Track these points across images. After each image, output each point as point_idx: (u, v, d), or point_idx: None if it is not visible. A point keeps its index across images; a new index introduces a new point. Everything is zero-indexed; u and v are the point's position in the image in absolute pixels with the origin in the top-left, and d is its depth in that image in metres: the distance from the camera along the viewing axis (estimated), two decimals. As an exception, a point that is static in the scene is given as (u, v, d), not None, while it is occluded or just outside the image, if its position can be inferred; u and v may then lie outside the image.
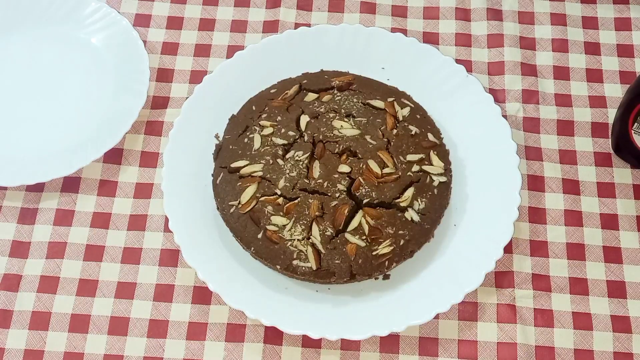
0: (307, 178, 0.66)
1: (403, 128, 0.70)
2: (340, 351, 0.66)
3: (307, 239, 0.64)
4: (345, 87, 0.72)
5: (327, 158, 0.67)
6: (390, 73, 0.76)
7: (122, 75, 0.78)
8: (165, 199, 0.69)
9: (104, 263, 0.70)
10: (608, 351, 0.67)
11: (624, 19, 0.83)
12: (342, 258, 0.64)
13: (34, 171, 0.72)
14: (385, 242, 0.65)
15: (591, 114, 0.78)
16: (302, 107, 0.71)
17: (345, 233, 0.65)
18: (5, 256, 0.71)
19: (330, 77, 0.73)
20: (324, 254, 0.64)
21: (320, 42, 0.78)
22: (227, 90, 0.75)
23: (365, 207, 0.65)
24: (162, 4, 0.85)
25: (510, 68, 0.80)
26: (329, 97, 0.71)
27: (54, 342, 0.67)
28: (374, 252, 0.64)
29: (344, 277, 0.65)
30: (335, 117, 0.70)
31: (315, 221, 0.65)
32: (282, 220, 0.65)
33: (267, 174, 0.67)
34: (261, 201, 0.66)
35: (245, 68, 0.76)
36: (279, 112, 0.71)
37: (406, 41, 0.77)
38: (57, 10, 0.81)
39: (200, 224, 0.69)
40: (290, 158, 0.67)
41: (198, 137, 0.73)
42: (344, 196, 0.66)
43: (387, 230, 0.65)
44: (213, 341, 0.67)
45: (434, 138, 0.70)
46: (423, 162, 0.68)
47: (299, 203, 0.65)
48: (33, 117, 0.77)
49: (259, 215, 0.66)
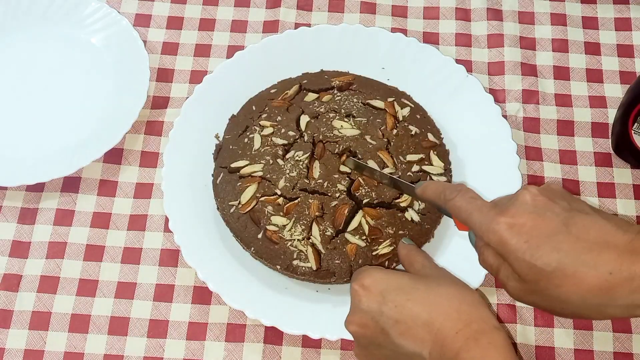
0: (307, 178, 0.66)
1: (403, 128, 0.70)
2: (340, 351, 0.66)
3: (307, 239, 0.64)
4: (345, 87, 0.72)
5: (327, 158, 0.67)
6: (390, 73, 0.76)
7: (122, 75, 0.78)
8: (165, 199, 0.69)
9: (104, 263, 0.70)
10: (608, 351, 0.67)
11: (624, 19, 0.83)
12: (342, 258, 0.64)
13: (34, 171, 0.72)
14: (385, 242, 0.65)
15: (591, 114, 0.78)
16: (302, 107, 0.71)
17: (346, 233, 0.65)
18: (5, 256, 0.71)
19: (331, 77, 0.73)
20: (324, 254, 0.64)
21: (320, 42, 0.78)
22: (227, 90, 0.75)
23: (365, 207, 0.65)
24: (162, 4, 0.85)
25: (510, 68, 0.80)
26: (329, 97, 0.71)
27: (54, 342, 0.67)
28: (374, 252, 0.65)
29: (344, 277, 0.65)
30: (335, 117, 0.70)
31: (315, 221, 0.65)
32: (282, 220, 0.65)
33: (267, 174, 0.67)
34: (261, 201, 0.66)
35: (245, 68, 0.76)
36: (279, 112, 0.71)
37: (406, 41, 0.77)
38: (57, 10, 0.81)
39: (200, 224, 0.69)
40: (290, 158, 0.67)
41: (198, 137, 0.73)
42: (344, 196, 0.66)
43: (387, 231, 0.65)
44: (213, 341, 0.67)
45: (434, 138, 0.70)
46: (423, 162, 0.68)
47: (299, 203, 0.65)
48: (33, 117, 0.77)
49: (259, 215, 0.66)
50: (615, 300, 0.46)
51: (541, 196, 0.50)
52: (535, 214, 0.49)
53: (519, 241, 0.48)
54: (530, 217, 0.49)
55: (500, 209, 0.50)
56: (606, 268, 0.46)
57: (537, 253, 0.47)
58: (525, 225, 0.48)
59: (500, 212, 0.50)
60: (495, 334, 0.50)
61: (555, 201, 0.50)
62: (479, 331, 0.50)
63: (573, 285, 0.47)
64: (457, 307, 0.52)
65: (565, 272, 0.46)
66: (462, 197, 0.54)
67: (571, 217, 0.48)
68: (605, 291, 0.46)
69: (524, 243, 0.48)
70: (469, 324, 0.51)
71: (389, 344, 0.53)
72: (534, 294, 0.49)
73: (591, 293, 0.46)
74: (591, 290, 0.46)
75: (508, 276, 0.50)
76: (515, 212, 0.49)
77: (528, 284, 0.49)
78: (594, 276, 0.46)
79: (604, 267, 0.46)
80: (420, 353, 0.51)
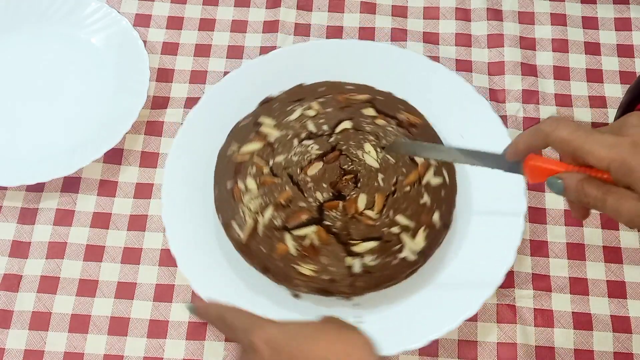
0: (301, 169, 0.66)
1: (417, 191, 0.65)
2: (340, 351, 0.66)
3: (256, 214, 0.64)
4: (405, 124, 0.69)
5: (332, 167, 0.66)
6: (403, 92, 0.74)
7: (122, 75, 0.78)
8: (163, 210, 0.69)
9: (104, 263, 0.70)
10: (608, 351, 0.67)
11: (624, 19, 0.83)
12: (269, 250, 0.64)
13: (34, 171, 0.72)
14: (310, 266, 0.63)
15: (591, 114, 0.78)
16: (354, 115, 0.68)
17: (288, 232, 0.63)
18: (5, 256, 0.71)
19: (402, 108, 0.70)
20: (258, 236, 0.64)
21: (346, 55, 0.76)
22: (239, 94, 0.74)
23: (321, 226, 0.63)
24: (162, 4, 0.85)
25: (510, 68, 0.80)
26: (384, 123, 0.68)
27: (54, 342, 0.67)
28: (296, 266, 0.63)
29: (257, 266, 0.65)
30: (370, 141, 0.67)
31: (275, 207, 0.64)
32: (253, 186, 0.65)
33: (276, 143, 0.67)
34: (254, 160, 0.66)
35: (265, 72, 0.76)
36: (334, 105, 0.69)
37: (434, 67, 0.75)
38: (57, 10, 0.81)
39: (200, 227, 0.69)
40: (304, 145, 0.67)
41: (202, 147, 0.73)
42: (315, 205, 0.64)
43: (321, 259, 0.63)
44: (213, 341, 0.67)
45: (437, 219, 0.65)
46: (407, 230, 0.64)
47: (276, 183, 0.65)
48: (33, 117, 0.77)
49: (242, 168, 0.67)
50: None
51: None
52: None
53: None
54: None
55: (614, 132, 0.50)
56: None
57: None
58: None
59: (616, 133, 0.49)
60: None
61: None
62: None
63: None
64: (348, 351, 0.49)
65: None
66: (565, 127, 0.52)
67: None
68: None
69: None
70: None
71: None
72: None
73: None
74: None
75: (622, 200, 0.49)
76: (634, 132, 0.49)
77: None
78: None
79: None
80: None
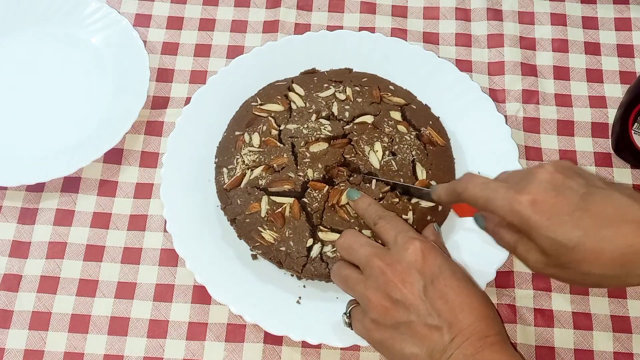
0: (305, 143, 0.68)
1: (404, 206, 0.66)
2: (341, 351, 0.66)
3: (247, 167, 0.67)
4: (424, 139, 0.70)
5: (335, 152, 0.67)
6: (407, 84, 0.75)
7: (122, 75, 0.78)
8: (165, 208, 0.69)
9: (104, 263, 0.70)
10: (608, 351, 0.67)
11: (624, 19, 0.83)
12: (243, 202, 0.66)
13: (34, 171, 0.72)
14: (273, 234, 0.65)
15: (591, 114, 0.78)
16: (379, 113, 0.70)
17: (267, 195, 0.66)
18: (5, 256, 0.71)
19: (430, 123, 0.71)
20: (240, 189, 0.67)
21: (342, 46, 0.77)
22: (235, 86, 0.75)
23: (298, 201, 0.65)
24: (162, 4, 0.85)
25: (510, 68, 0.80)
26: (404, 130, 0.69)
27: (54, 342, 0.67)
28: (260, 228, 0.65)
29: (228, 214, 0.67)
30: (384, 142, 0.68)
31: (266, 168, 0.67)
32: (257, 142, 0.68)
33: (296, 112, 0.70)
34: (269, 120, 0.69)
35: (259, 65, 0.76)
36: (367, 98, 0.71)
37: (438, 61, 0.76)
38: (57, 10, 0.81)
39: (201, 222, 0.69)
40: (320, 123, 0.69)
41: (203, 135, 0.73)
42: (302, 181, 0.66)
43: (286, 231, 0.65)
44: (213, 341, 0.67)
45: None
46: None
47: (277, 147, 0.68)
48: (33, 117, 0.77)
49: (257, 122, 0.69)
50: (635, 270, 0.49)
51: (558, 173, 0.52)
52: (555, 191, 0.51)
53: (541, 219, 0.50)
54: (550, 195, 0.50)
55: (518, 188, 0.52)
56: (625, 242, 0.48)
57: (559, 230, 0.49)
58: (546, 203, 0.50)
59: (519, 191, 0.51)
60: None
61: (572, 178, 0.51)
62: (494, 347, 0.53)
63: (594, 259, 0.49)
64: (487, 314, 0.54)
65: (587, 247, 0.49)
66: (474, 186, 0.55)
67: (589, 194, 0.50)
68: (625, 263, 0.48)
69: (546, 220, 0.50)
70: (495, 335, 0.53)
71: None
72: (556, 267, 0.51)
73: (612, 265, 0.49)
74: (612, 263, 0.48)
75: (528, 250, 0.53)
76: (535, 190, 0.51)
77: (550, 257, 0.51)
78: (614, 250, 0.48)
79: (623, 241, 0.48)
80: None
